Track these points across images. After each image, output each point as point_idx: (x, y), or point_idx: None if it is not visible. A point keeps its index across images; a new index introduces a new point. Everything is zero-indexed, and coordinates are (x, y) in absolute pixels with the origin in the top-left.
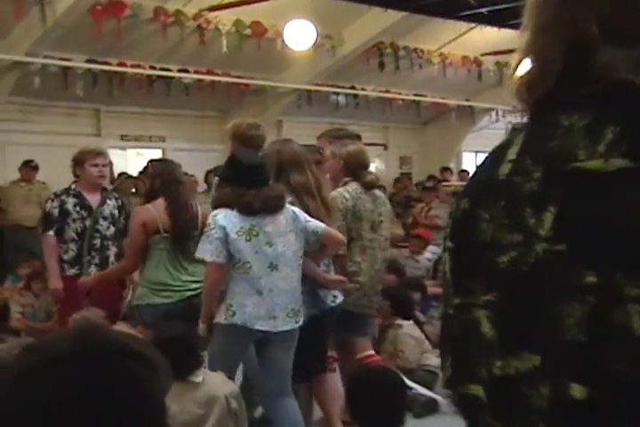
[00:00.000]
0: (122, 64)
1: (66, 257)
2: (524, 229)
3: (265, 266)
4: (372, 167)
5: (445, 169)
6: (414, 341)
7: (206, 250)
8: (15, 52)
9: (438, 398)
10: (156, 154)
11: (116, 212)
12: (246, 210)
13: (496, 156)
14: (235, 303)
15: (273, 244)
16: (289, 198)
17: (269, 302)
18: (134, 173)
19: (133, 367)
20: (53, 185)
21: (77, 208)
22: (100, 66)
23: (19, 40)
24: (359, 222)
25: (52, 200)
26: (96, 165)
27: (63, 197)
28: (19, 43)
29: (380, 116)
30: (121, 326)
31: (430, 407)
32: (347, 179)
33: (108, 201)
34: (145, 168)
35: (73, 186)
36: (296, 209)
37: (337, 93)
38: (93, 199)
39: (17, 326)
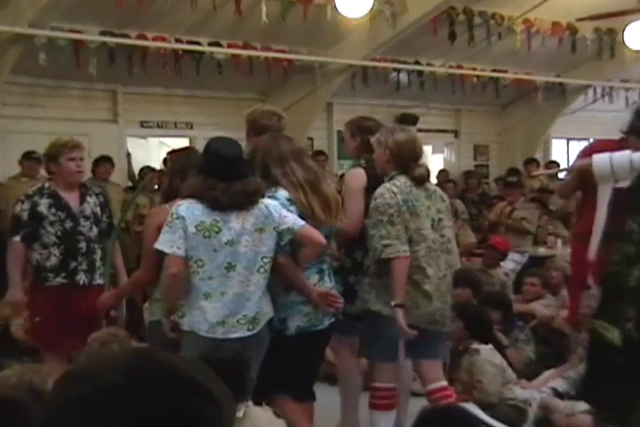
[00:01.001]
0: (143, 37)
1: (48, 264)
2: None
3: (222, 266)
4: (440, 158)
5: (531, 160)
6: (495, 369)
7: (166, 241)
8: (17, 22)
9: None
10: (183, 143)
11: (98, 210)
12: (213, 204)
13: None
14: (186, 304)
15: (234, 242)
16: (285, 195)
17: (219, 307)
18: (158, 166)
19: (194, 404)
20: None
21: (53, 210)
22: (117, 39)
23: (22, 9)
24: (418, 220)
25: (23, 202)
26: (73, 159)
27: (36, 199)
28: (22, 12)
29: (451, 98)
30: None
31: None
32: (393, 173)
33: (88, 198)
34: (164, 161)
35: (47, 184)
36: (271, 204)
37: (398, 70)
38: (71, 198)
39: (19, 337)
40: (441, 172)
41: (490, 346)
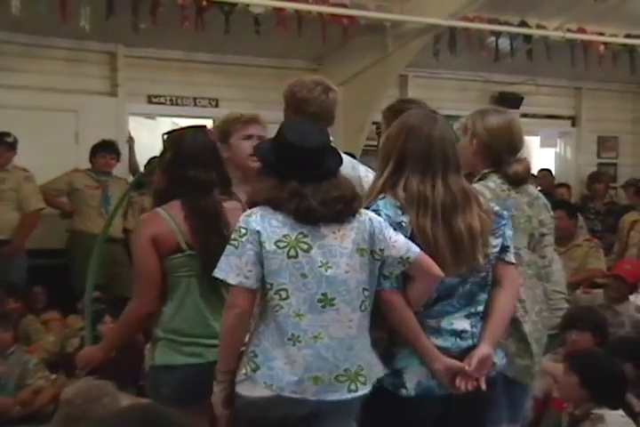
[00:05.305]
0: None
1: None
2: None
3: (313, 298)
4: (552, 153)
5: None
6: None
7: (231, 267)
8: None
9: None
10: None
11: None
12: (304, 216)
13: None
14: (260, 352)
15: (332, 266)
16: (394, 202)
17: (311, 355)
18: None
19: None
20: (41, 174)
21: None
22: None
23: None
24: (516, 236)
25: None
26: (249, 137)
27: None
28: None
29: (568, 72)
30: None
31: None
32: (486, 170)
33: None
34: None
35: None
36: (376, 219)
37: (498, 34)
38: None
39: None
40: (541, 171)
41: (620, 412)
